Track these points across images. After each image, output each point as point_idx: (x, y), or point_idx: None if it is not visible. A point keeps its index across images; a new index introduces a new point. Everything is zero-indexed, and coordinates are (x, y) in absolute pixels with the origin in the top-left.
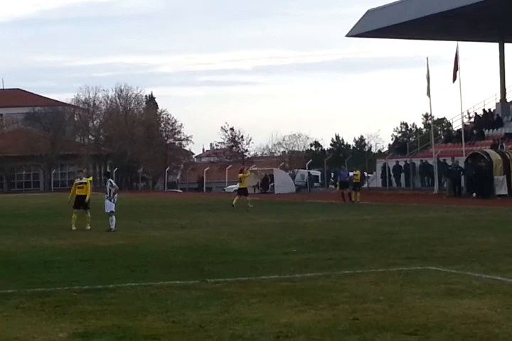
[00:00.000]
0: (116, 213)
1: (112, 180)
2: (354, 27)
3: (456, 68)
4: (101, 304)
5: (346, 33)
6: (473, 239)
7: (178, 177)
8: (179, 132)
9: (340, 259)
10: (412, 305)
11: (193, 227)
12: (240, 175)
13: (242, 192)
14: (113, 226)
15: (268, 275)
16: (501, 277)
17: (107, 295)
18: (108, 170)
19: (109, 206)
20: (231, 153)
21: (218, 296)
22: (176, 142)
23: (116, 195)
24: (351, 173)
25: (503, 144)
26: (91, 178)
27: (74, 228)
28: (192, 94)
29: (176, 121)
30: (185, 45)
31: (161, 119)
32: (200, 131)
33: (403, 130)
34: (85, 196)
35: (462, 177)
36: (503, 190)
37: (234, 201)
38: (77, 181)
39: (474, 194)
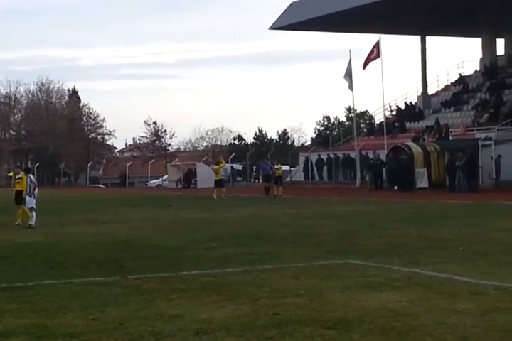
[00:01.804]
0: (36, 209)
1: (31, 176)
2: (277, 19)
3: (371, 56)
4: (19, 302)
5: (269, 25)
6: (394, 231)
7: (100, 172)
8: (101, 126)
9: (261, 254)
10: (332, 299)
11: (115, 223)
12: (216, 166)
13: (219, 183)
14: (33, 223)
15: (189, 270)
16: (420, 269)
17: (25, 293)
18: (29, 166)
19: (30, 202)
20: (154, 148)
21: (138, 293)
22: (99, 136)
23: (36, 191)
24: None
25: (425, 137)
26: (11, 174)
27: (18, 223)
28: (115, 88)
29: (98, 115)
30: (108, 38)
31: (83, 113)
32: (123, 125)
33: (326, 123)
34: (22, 191)
35: (384, 170)
36: (423, 183)
37: (214, 194)
38: (17, 176)
39: (395, 187)
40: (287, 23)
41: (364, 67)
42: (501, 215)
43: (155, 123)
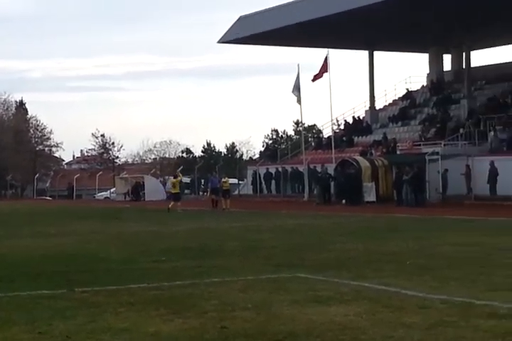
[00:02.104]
0: None
1: None
2: (226, 33)
3: (322, 71)
4: None
5: (218, 39)
6: (342, 245)
7: (47, 184)
8: (49, 138)
9: (209, 267)
10: (280, 313)
11: (62, 235)
12: (174, 180)
13: (176, 197)
14: None
15: (136, 283)
16: (368, 283)
17: None
18: None
19: None
20: (102, 160)
21: (86, 306)
22: (46, 148)
23: None
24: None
25: (372, 151)
26: None
27: None
28: (63, 100)
29: (45, 127)
30: (56, 50)
31: (31, 125)
32: (71, 138)
33: (274, 137)
34: None
35: (332, 184)
36: (371, 197)
37: (169, 206)
38: None
39: (344, 201)
40: (236, 36)
41: (314, 80)
42: (447, 229)
43: (103, 135)
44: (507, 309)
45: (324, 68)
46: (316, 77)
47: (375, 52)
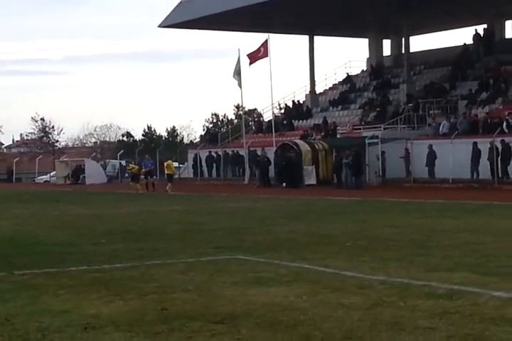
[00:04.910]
0: None
1: None
2: (167, 17)
3: (258, 55)
4: None
5: (159, 23)
6: (282, 228)
7: None
8: None
9: (150, 250)
10: (221, 294)
11: (2, 219)
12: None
13: (169, 178)
14: None
15: (77, 266)
16: (307, 265)
17: None
18: None
19: None
20: (41, 144)
21: (25, 288)
22: None
23: None
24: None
25: (313, 134)
26: None
27: None
28: (1, 84)
29: None
30: None
31: None
32: (10, 121)
33: (214, 121)
34: None
35: (271, 167)
36: (311, 180)
37: (168, 189)
38: None
39: (284, 184)
40: (176, 21)
41: (250, 64)
42: (386, 212)
43: (42, 119)
44: (444, 289)
45: (260, 52)
46: (251, 61)
47: (316, 37)
